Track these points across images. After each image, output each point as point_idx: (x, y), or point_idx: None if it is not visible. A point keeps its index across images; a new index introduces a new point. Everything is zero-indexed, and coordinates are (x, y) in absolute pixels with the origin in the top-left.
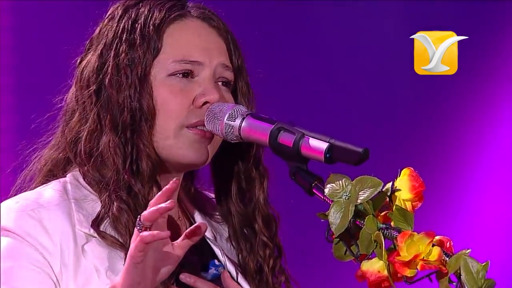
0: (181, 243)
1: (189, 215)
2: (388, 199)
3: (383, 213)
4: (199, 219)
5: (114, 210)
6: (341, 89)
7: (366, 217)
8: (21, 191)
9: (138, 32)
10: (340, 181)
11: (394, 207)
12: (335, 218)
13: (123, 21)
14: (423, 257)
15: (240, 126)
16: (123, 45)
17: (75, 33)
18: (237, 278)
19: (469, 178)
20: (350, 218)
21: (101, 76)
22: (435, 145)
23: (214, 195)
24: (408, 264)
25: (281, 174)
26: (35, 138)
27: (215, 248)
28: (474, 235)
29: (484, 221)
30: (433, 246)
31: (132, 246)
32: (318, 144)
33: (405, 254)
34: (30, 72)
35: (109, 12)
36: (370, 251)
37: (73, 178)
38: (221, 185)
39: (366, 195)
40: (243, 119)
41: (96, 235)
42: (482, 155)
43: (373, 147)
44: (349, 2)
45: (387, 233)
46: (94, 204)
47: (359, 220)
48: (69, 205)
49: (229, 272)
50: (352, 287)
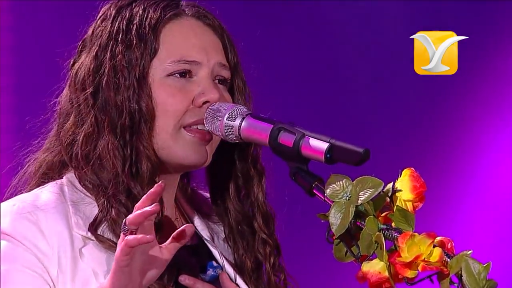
0: (168, 246)
1: (186, 216)
2: (389, 199)
3: (384, 214)
4: (197, 221)
5: (113, 213)
6: (341, 89)
7: (367, 218)
8: (15, 193)
9: (134, 33)
10: (341, 182)
11: (395, 207)
12: (336, 218)
13: (117, 22)
14: (424, 258)
15: (240, 126)
16: (119, 46)
17: (75, 34)
18: (235, 279)
19: (470, 179)
20: (350, 219)
21: (97, 78)
22: (435, 145)
23: (209, 194)
24: (409, 265)
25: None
26: (30, 139)
27: (212, 249)
28: (475, 235)
29: (485, 221)
30: (434, 247)
31: (118, 249)
32: (319, 144)
33: (406, 255)
34: (29, 72)
35: (100, 12)
36: (371, 252)
37: (69, 181)
38: (217, 184)
39: (366, 195)
40: (243, 119)
41: (93, 238)
42: (483, 155)
43: (373, 147)
44: (349, 2)
45: (388, 234)
46: (91, 206)
47: (359, 221)
48: (66, 207)
49: (227, 273)
50: None
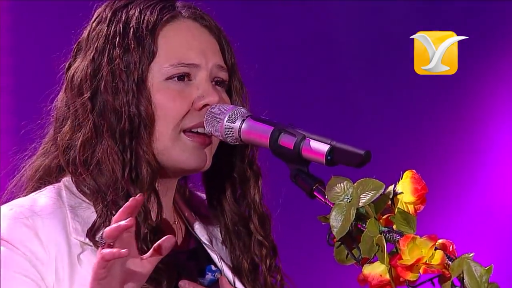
0: (150, 258)
1: (184, 219)
2: (390, 202)
3: (385, 216)
4: (197, 224)
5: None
6: (341, 89)
7: (368, 220)
8: (12, 198)
9: (131, 36)
10: (342, 184)
11: (396, 210)
12: (337, 221)
13: (114, 25)
14: (426, 261)
15: (240, 128)
16: (117, 50)
17: (74, 34)
18: (234, 283)
19: (470, 179)
20: (351, 221)
21: (95, 83)
22: (436, 145)
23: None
24: (411, 268)
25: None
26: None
27: (211, 253)
28: (477, 238)
29: (487, 223)
30: (435, 249)
31: (95, 262)
32: (319, 146)
33: (408, 258)
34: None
35: (95, 15)
36: (372, 254)
37: (66, 185)
38: (214, 185)
39: (368, 198)
40: (243, 121)
41: (91, 244)
42: (483, 155)
43: (373, 147)
44: (349, 2)
45: (389, 237)
46: (89, 212)
47: (360, 223)
48: (64, 212)
49: (226, 277)
50: None
